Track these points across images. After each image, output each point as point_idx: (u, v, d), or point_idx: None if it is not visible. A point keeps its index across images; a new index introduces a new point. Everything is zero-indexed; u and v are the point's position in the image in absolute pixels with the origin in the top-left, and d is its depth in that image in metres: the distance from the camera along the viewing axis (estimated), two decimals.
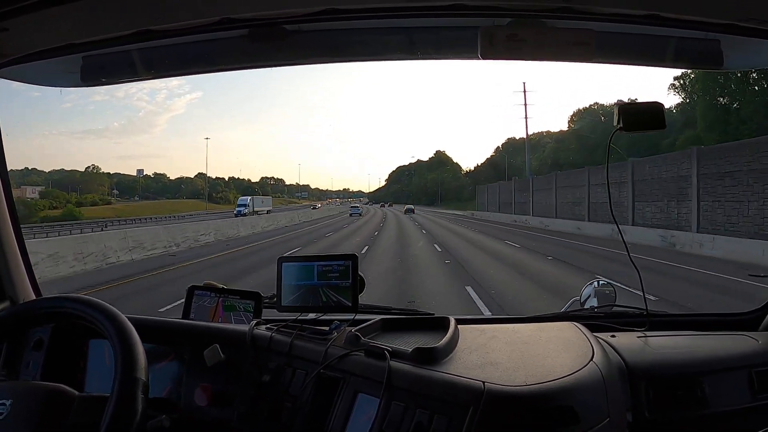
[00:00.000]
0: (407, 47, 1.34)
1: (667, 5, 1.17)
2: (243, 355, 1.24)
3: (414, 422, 0.98)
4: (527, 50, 1.21)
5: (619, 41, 1.32)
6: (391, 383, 1.04)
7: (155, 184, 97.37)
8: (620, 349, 1.27)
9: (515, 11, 1.18)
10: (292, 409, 1.16)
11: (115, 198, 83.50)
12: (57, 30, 1.16)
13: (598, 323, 1.46)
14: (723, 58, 1.37)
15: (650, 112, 1.27)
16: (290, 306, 1.30)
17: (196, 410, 1.22)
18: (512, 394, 0.96)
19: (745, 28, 1.20)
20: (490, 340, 1.22)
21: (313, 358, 1.18)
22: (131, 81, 1.44)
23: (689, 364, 1.26)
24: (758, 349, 1.33)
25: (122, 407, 0.94)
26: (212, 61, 1.38)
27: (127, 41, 1.24)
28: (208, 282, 1.54)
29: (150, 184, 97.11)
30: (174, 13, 1.15)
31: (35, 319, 1.15)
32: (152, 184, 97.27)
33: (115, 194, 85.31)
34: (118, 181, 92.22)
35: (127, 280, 10.44)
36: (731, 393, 1.24)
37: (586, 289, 1.70)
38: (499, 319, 1.58)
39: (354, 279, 1.26)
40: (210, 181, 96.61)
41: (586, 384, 1.02)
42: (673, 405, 1.21)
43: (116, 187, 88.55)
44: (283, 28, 1.25)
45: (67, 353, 1.31)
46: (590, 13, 1.19)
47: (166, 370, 1.29)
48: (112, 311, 1.06)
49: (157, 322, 1.35)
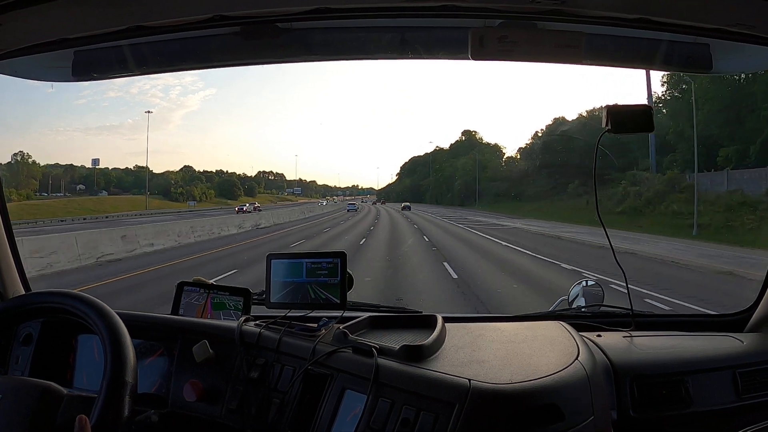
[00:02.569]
0: (398, 47, 1.35)
1: (657, 9, 1.18)
2: (232, 352, 1.25)
3: (400, 419, 0.99)
4: (517, 52, 1.22)
5: (609, 44, 1.34)
6: (378, 380, 1.05)
7: (128, 177, 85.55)
8: (606, 348, 1.29)
9: (506, 13, 1.19)
10: (280, 404, 1.17)
11: (78, 193, 71.74)
12: (49, 25, 1.15)
13: (584, 323, 1.47)
14: (712, 61, 1.38)
15: (638, 115, 1.28)
16: (279, 303, 1.31)
17: (185, 405, 1.22)
18: (498, 392, 0.97)
19: (733, 32, 1.21)
20: (476, 339, 1.23)
21: (302, 354, 1.19)
22: (122, 76, 1.44)
23: (674, 363, 1.28)
24: (743, 350, 1.35)
25: (108, 411, 0.95)
26: (204, 58, 1.38)
27: (119, 37, 1.25)
28: (197, 278, 1.54)
29: (123, 176, 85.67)
30: (166, 10, 1.16)
31: (25, 314, 1.15)
32: (125, 176, 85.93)
33: (80, 189, 74.82)
34: (87, 174, 78.76)
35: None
36: (716, 392, 1.26)
37: (574, 288, 1.72)
38: (486, 318, 1.60)
39: (342, 276, 1.27)
40: (190, 175, 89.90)
41: (571, 382, 1.03)
42: (658, 404, 1.23)
43: (84, 182, 77.05)
44: (275, 26, 1.26)
45: (56, 348, 1.31)
46: (581, 16, 1.20)
47: (155, 366, 1.30)
48: (102, 307, 1.06)
49: (147, 318, 1.36)
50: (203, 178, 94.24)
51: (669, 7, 1.18)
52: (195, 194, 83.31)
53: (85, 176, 79.24)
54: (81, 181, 77.97)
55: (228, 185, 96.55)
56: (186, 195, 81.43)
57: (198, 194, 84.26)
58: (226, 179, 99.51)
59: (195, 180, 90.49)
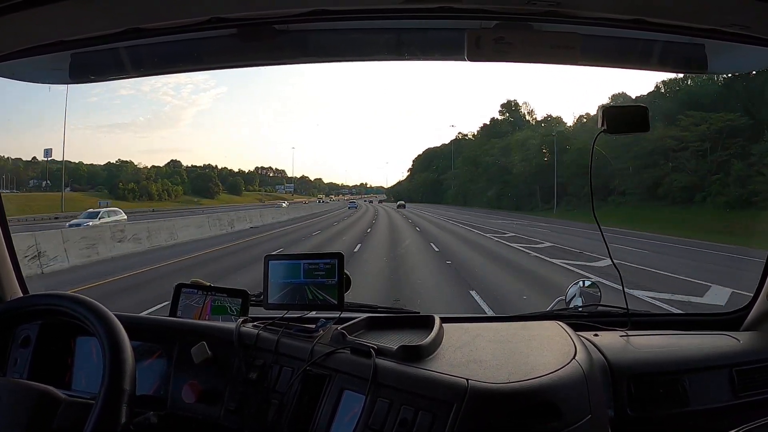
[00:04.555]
0: (395, 48, 1.36)
1: (653, 10, 1.19)
2: (230, 353, 1.25)
3: (399, 419, 1.00)
4: (513, 53, 1.22)
5: (605, 45, 1.35)
6: (376, 380, 1.06)
7: (103, 172, 75.99)
8: (602, 347, 1.29)
9: (502, 14, 1.20)
10: (279, 405, 1.17)
11: None
12: (46, 27, 1.16)
13: (581, 322, 1.48)
14: (707, 62, 1.39)
15: (634, 115, 1.29)
16: (277, 304, 1.31)
17: (184, 407, 1.23)
18: (495, 391, 0.98)
19: (728, 33, 1.22)
20: (474, 339, 1.23)
21: (300, 355, 1.20)
22: (120, 78, 1.44)
23: (670, 362, 1.28)
24: (739, 349, 1.36)
25: (104, 419, 0.95)
26: (201, 60, 1.39)
27: (116, 39, 1.25)
28: (195, 280, 1.54)
29: (98, 172, 75.33)
30: (163, 12, 1.16)
31: (23, 316, 1.16)
32: (101, 172, 76.29)
33: (47, 184, 63.03)
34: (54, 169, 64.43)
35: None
36: (712, 391, 1.27)
37: (572, 288, 1.72)
38: (483, 318, 1.60)
39: (340, 277, 1.27)
40: (173, 170, 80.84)
41: (568, 381, 1.03)
42: (655, 402, 1.23)
43: (49, 178, 64.51)
44: (272, 27, 1.26)
45: (54, 350, 1.31)
46: (577, 17, 1.21)
47: (154, 368, 1.30)
48: (102, 310, 1.06)
49: (145, 320, 1.36)
50: (184, 173, 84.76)
51: (664, 8, 1.18)
52: (152, 191, 71.06)
53: (42, 170, 67.68)
54: (39, 176, 66.78)
55: (202, 181, 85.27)
56: (140, 192, 69.32)
57: (156, 191, 72.05)
58: (200, 174, 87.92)
59: (175, 175, 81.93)
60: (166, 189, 75.96)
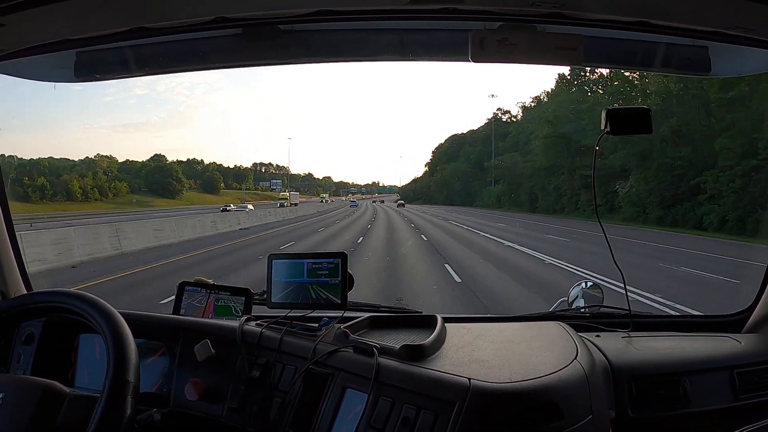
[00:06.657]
0: (399, 49, 1.36)
1: (657, 12, 1.19)
2: (233, 351, 1.25)
3: (401, 417, 1.00)
4: (517, 54, 1.22)
5: (608, 46, 1.35)
6: (378, 379, 1.06)
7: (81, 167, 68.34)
8: (604, 348, 1.29)
9: (506, 16, 1.20)
10: (282, 404, 1.17)
11: None
12: (52, 26, 1.16)
13: (583, 323, 1.48)
14: (711, 64, 1.39)
15: (638, 117, 1.29)
16: (280, 303, 1.32)
17: (187, 405, 1.23)
18: (497, 391, 0.98)
19: (732, 35, 1.22)
20: (476, 339, 1.24)
21: (303, 354, 1.20)
22: (125, 77, 1.45)
23: (672, 363, 1.28)
24: (740, 351, 1.36)
25: (110, 410, 0.95)
26: (206, 59, 1.39)
27: (121, 38, 1.25)
28: (199, 278, 1.55)
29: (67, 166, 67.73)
30: (169, 12, 1.16)
31: (27, 313, 1.16)
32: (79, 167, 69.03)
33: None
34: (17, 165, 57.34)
35: None
36: (713, 393, 1.27)
37: (574, 289, 1.72)
38: (485, 318, 1.61)
39: (343, 276, 1.28)
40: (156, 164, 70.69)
41: (569, 382, 1.04)
42: (656, 403, 1.23)
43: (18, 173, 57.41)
44: (276, 27, 1.27)
45: (58, 347, 1.32)
46: (580, 19, 1.21)
47: (157, 365, 1.30)
48: (106, 307, 1.06)
49: (149, 318, 1.36)
50: (168, 167, 73.46)
51: (668, 10, 1.18)
52: (73, 188, 59.40)
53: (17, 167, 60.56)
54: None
55: (159, 178, 70.41)
56: (53, 191, 59.88)
57: (80, 188, 60.20)
58: (160, 167, 72.61)
59: (164, 170, 71.94)
60: (99, 186, 64.59)
